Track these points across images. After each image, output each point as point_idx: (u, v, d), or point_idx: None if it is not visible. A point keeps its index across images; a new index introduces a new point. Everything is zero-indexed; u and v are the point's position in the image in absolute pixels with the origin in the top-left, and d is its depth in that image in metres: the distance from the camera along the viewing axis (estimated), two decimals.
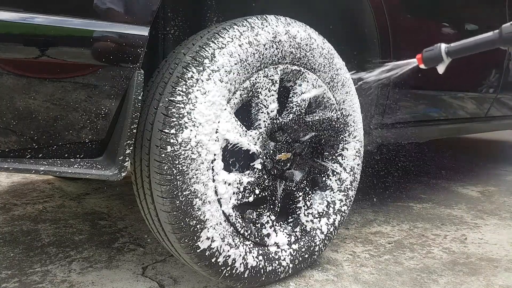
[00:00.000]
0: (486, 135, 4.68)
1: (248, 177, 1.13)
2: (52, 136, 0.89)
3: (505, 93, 2.46)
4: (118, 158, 0.93)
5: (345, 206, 1.41)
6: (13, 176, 2.47)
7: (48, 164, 0.89)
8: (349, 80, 1.38)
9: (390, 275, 1.34)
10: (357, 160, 1.43)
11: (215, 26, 1.12)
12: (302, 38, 1.20)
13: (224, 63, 1.04)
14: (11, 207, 1.91)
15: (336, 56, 1.33)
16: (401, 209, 2.03)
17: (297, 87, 1.23)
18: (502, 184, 2.61)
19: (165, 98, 0.99)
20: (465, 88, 2.15)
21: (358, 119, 1.43)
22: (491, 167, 3.12)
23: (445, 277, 1.34)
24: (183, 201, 1.00)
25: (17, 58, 0.80)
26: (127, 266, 1.35)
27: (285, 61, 1.18)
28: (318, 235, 1.33)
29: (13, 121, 0.83)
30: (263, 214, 1.20)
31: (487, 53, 1.25)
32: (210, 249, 1.06)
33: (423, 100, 1.90)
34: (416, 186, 2.48)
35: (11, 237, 1.56)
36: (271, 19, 1.15)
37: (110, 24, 0.88)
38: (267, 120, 1.16)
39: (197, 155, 1.00)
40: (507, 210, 2.08)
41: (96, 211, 1.89)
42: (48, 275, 1.28)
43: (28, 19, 0.80)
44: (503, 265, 1.44)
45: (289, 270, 1.25)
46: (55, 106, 0.86)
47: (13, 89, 0.81)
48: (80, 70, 0.87)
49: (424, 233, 1.72)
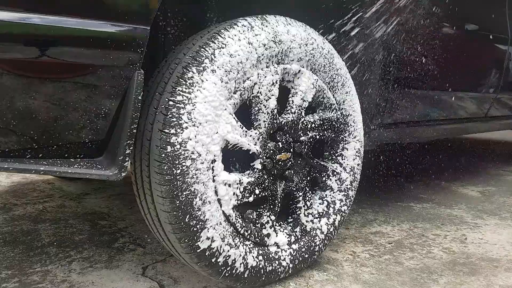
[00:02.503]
0: (486, 135, 4.68)
1: (248, 177, 1.13)
2: (52, 136, 0.89)
3: (505, 93, 2.47)
4: (118, 158, 0.93)
5: (345, 206, 1.41)
6: (13, 176, 2.47)
7: (48, 164, 0.89)
8: (349, 80, 1.38)
9: (390, 275, 1.34)
10: (357, 160, 1.43)
11: (215, 26, 1.12)
12: (302, 38, 1.20)
13: (224, 63, 1.04)
14: (11, 207, 1.91)
15: (336, 56, 1.33)
16: (401, 209, 2.03)
17: (297, 87, 1.23)
18: (502, 184, 2.61)
19: (165, 98, 0.99)
20: (465, 88, 2.16)
21: (358, 119, 1.43)
22: (491, 167, 3.12)
23: (445, 277, 1.34)
24: (183, 201, 1.00)
25: (17, 58, 0.80)
26: (127, 266, 1.35)
27: (285, 61, 1.18)
28: (318, 235, 1.33)
29: (13, 121, 0.83)
30: (263, 214, 1.20)
31: (487, 53, 1.25)
32: (210, 249, 1.06)
33: (423, 100, 1.90)
34: (416, 186, 2.48)
35: (11, 237, 1.56)
36: (271, 19, 1.15)
37: (110, 24, 0.88)
38: (267, 120, 1.16)
39: (197, 155, 1.00)
40: (507, 210, 2.08)
41: (96, 211, 1.89)
42: (48, 275, 1.28)
43: (28, 19, 0.80)
44: (503, 265, 1.44)
45: (289, 270, 1.25)
46: (55, 106, 0.86)
47: (13, 89, 0.81)
48: (80, 70, 0.87)
49: (424, 233, 1.72)
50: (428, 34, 1.79)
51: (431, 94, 1.94)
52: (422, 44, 1.74)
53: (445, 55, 1.88)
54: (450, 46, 1.95)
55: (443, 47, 1.87)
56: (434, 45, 1.82)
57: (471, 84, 2.21)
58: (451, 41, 1.96)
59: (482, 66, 2.26)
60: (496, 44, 2.33)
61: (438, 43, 1.84)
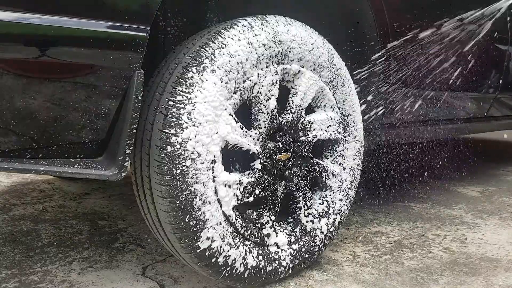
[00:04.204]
0: (486, 135, 4.68)
1: (248, 177, 1.13)
2: (52, 136, 0.89)
3: (505, 93, 2.46)
4: (118, 158, 0.93)
5: (345, 206, 1.41)
6: (13, 176, 2.47)
7: (48, 164, 0.89)
8: (349, 80, 1.38)
9: (390, 275, 1.34)
10: (357, 160, 1.43)
11: (215, 26, 1.12)
12: (302, 38, 1.20)
13: (224, 63, 1.04)
14: (11, 207, 1.91)
15: (336, 56, 1.33)
16: (401, 209, 2.03)
17: (297, 87, 1.23)
18: (502, 184, 2.61)
19: (165, 98, 0.99)
20: (465, 88, 2.15)
21: (358, 119, 1.43)
22: (491, 167, 3.12)
23: (445, 277, 1.34)
24: (183, 201, 1.00)
25: (17, 58, 0.80)
26: (127, 266, 1.35)
27: (285, 61, 1.18)
28: (318, 235, 1.33)
29: (13, 121, 0.83)
30: (263, 214, 1.20)
31: (487, 53, 1.25)
32: (210, 249, 1.06)
33: (422, 100, 1.90)
34: (416, 186, 2.48)
35: (11, 237, 1.56)
36: (271, 19, 1.15)
37: (110, 24, 0.88)
38: (267, 120, 1.15)
39: (197, 155, 1.00)
40: (507, 210, 2.08)
41: (96, 211, 1.89)
42: (48, 275, 1.28)
43: (27, 19, 0.80)
44: (503, 265, 1.44)
45: (289, 270, 1.25)
46: (55, 106, 0.86)
47: (13, 89, 0.81)
48: (80, 70, 0.87)
49: (424, 233, 1.72)
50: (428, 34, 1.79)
51: (431, 94, 1.94)
52: (422, 44, 1.74)
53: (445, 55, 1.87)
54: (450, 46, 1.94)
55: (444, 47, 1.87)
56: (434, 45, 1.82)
57: (471, 84, 2.21)
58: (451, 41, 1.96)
59: (482, 66, 2.26)
60: (496, 44, 2.33)
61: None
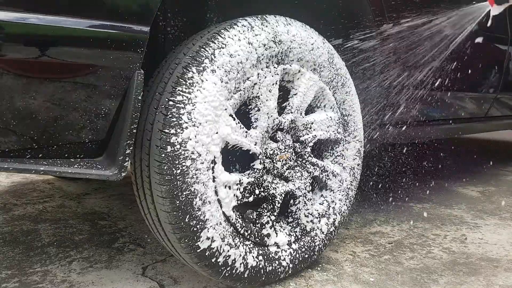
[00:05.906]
0: (486, 135, 4.68)
1: (248, 177, 1.13)
2: (52, 136, 0.89)
3: (505, 93, 2.46)
4: (118, 158, 0.93)
5: (345, 206, 1.41)
6: (13, 176, 2.47)
7: (48, 164, 0.89)
8: (349, 80, 1.38)
9: (390, 275, 1.34)
10: (357, 160, 1.43)
11: (215, 26, 1.12)
12: (302, 38, 1.20)
13: (224, 63, 1.04)
14: (11, 207, 1.91)
15: (336, 56, 1.33)
16: (401, 209, 2.03)
17: (297, 87, 1.23)
18: (502, 184, 2.61)
19: (165, 98, 0.99)
20: (465, 88, 2.15)
21: (358, 119, 1.43)
22: (491, 167, 3.12)
23: (445, 277, 1.34)
24: (183, 201, 1.00)
25: (17, 58, 0.80)
26: (127, 266, 1.35)
27: (285, 61, 1.18)
28: (318, 235, 1.33)
29: (13, 121, 0.83)
30: (263, 214, 1.20)
31: (487, 53, 1.25)
32: (210, 249, 1.06)
33: (422, 100, 1.90)
34: (416, 186, 2.48)
35: (11, 237, 1.56)
36: (271, 19, 1.15)
37: (110, 24, 0.88)
38: (267, 121, 1.15)
39: (197, 155, 1.00)
40: (507, 210, 2.08)
41: (96, 211, 1.89)
42: (48, 275, 1.28)
43: (27, 19, 0.80)
44: (503, 265, 1.44)
45: (289, 270, 1.25)
46: (55, 106, 0.86)
47: (13, 89, 0.81)
48: (80, 70, 0.87)
49: (424, 233, 1.72)
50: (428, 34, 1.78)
51: (431, 94, 1.93)
52: (421, 45, 1.74)
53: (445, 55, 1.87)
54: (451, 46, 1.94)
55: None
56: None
57: (471, 84, 2.21)
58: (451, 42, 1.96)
59: (482, 66, 2.26)
60: (496, 44, 2.33)
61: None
